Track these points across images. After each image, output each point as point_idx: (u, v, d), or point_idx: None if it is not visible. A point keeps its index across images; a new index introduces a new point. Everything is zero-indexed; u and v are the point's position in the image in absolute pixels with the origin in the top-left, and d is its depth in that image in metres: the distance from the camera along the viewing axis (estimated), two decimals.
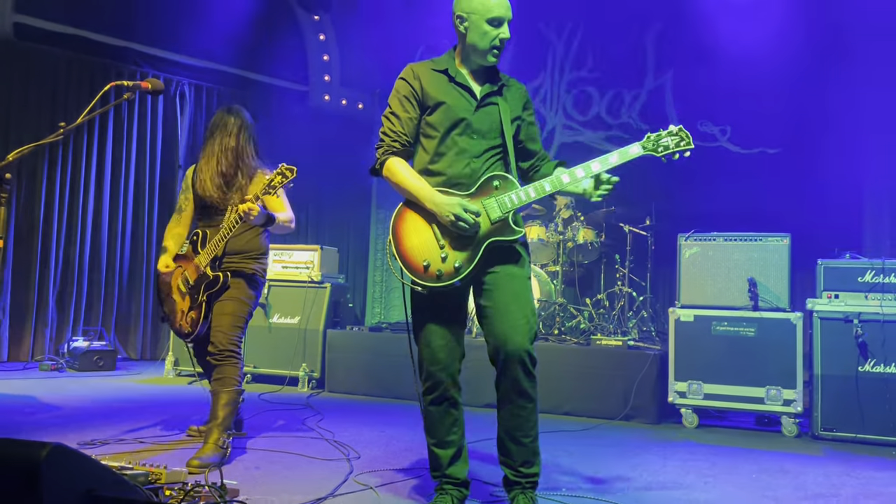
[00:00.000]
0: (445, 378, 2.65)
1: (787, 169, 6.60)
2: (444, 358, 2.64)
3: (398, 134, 2.71)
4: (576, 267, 6.47)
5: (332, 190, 8.43)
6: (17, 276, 6.68)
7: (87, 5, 7.11)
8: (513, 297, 2.60)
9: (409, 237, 2.61)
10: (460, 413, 2.73)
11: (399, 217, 2.66)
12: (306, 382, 5.74)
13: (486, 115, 2.70)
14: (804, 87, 6.61)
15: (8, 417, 4.15)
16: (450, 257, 2.56)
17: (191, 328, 3.62)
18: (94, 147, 7.15)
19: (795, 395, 4.50)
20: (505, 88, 2.77)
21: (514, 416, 2.63)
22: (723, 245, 4.88)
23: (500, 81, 2.76)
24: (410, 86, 2.72)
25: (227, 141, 3.66)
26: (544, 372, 4.94)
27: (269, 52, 8.36)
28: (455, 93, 2.69)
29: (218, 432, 3.35)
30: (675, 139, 2.72)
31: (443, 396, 2.67)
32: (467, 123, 2.67)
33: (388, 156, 2.70)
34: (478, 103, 2.69)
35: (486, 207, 2.60)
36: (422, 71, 2.74)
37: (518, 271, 2.66)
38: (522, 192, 2.61)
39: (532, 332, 2.58)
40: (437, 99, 2.68)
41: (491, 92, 2.72)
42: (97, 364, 6.26)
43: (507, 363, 2.56)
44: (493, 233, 2.58)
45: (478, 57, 2.69)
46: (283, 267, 6.17)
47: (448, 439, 2.69)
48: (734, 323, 4.69)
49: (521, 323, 2.56)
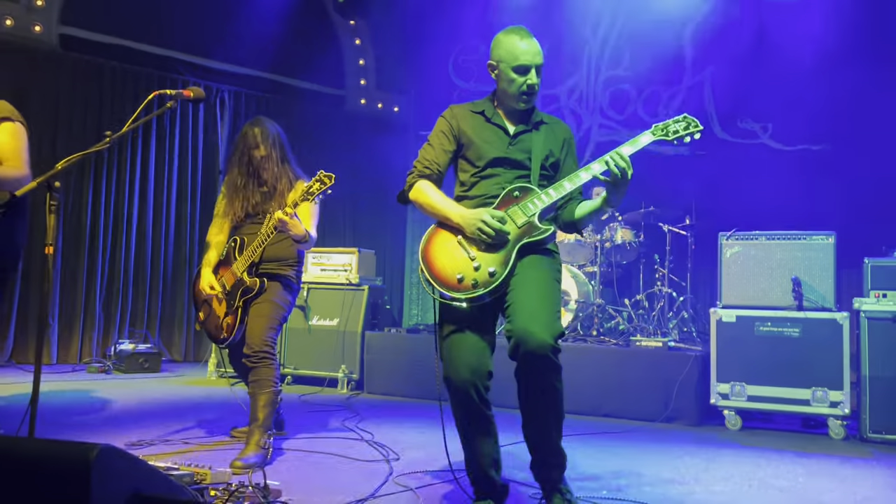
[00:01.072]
0: (471, 395, 2.59)
1: (831, 166, 6.42)
2: (468, 377, 2.58)
3: (430, 161, 2.80)
4: (614, 267, 6.41)
5: (368, 193, 8.49)
6: (65, 281, 6.88)
7: (130, 16, 7.28)
8: (534, 295, 2.57)
9: (439, 258, 2.66)
10: (492, 425, 2.70)
11: (426, 243, 2.72)
12: (345, 384, 5.79)
13: (518, 149, 2.77)
14: (849, 83, 6.44)
15: (58, 418, 4.26)
16: (483, 265, 2.58)
17: (227, 333, 3.66)
18: (137, 154, 7.32)
19: (842, 396, 4.39)
20: (543, 126, 2.83)
21: (542, 409, 2.62)
22: (765, 244, 4.79)
23: (537, 121, 2.82)
24: (449, 123, 2.83)
25: (255, 153, 3.68)
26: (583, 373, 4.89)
27: (306, 57, 8.46)
28: (490, 132, 2.79)
29: (259, 433, 3.40)
30: (683, 124, 2.74)
31: (478, 406, 2.62)
32: (501, 159, 2.76)
33: (417, 179, 2.79)
34: (510, 140, 2.77)
35: (511, 215, 2.65)
36: (460, 111, 2.85)
37: (542, 272, 2.65)
38: (544, 193, 2.66)
39: (556, 328, 2.53)
40: (472, 137, 2.78)
41: (524, 130, 2.79)
42: (142, 366, 6.41)
43: (530, 359, 2.50)
44: (522, 235, 2.62)
45: (510, 101, 2.77)
46: (321, 270, 6.24)
47: (483, 451, 2.68)
48: (778, 323, 4.60)
49: (542, 318, 2.52)
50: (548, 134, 2.82)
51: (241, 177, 3.72)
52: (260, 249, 3.58)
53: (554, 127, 2.87)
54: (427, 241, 2.72)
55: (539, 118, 2.84)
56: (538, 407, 2.63)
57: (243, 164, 3.71)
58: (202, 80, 7.75)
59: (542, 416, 2.64)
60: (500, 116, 2.81)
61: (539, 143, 2.78)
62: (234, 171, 3.75)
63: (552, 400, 2.61)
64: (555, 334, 2.53)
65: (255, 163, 3.69)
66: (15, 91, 6.61)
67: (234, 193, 3.73)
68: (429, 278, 2.63)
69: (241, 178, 3.72)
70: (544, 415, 2.63)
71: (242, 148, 3.71)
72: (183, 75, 7.64)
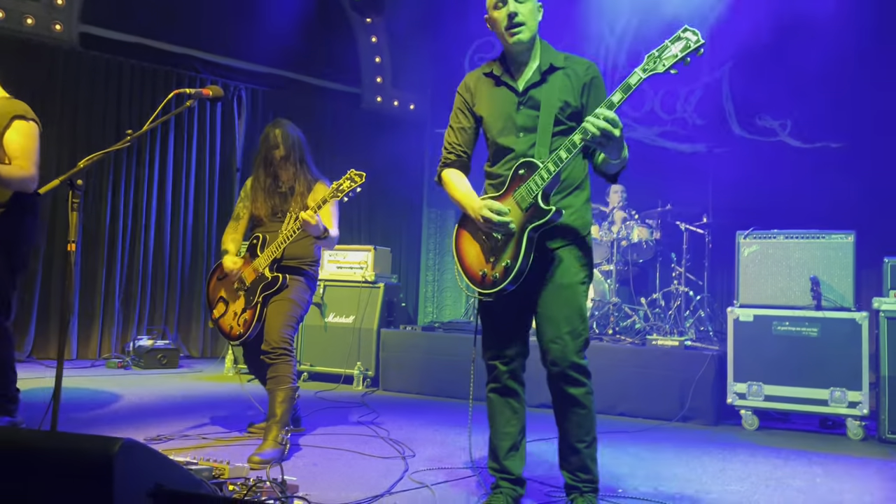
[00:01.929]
0: (508, 370, 2.70)
1: (851, 164, 6.35)
2: (510, 352, 2.69)
3: (453, 145, 2.79)
4: (630, 266, 6.39)
5: (384, 190, 8.51)
6: (85, 277, 6.95)
7: (149, 14, 7.34)
8: (559, 307, 2.59)
9: (468, 253, 2.69)
10: (521, 406, 2.76)
11: (457, 236, 2.75)
12: (361, 381, 5.81)
13: (528, 110, 2.63)
14: (868, 80, 6.37)
15: (79, 413, 4.32)
16: (499, 260, 2.57)
17: (243, 329, 3.70)
18: (156, 152, 7.38)
19: (861, 397, 4.35)
20: (556, 74, 2.62)
21: (567, 421, 2.65)
22: (783, 243, 4.75)
23: (547, 68, 2.63)
24: (463, 97, 2.80)
25: (275, 153, 3.74)
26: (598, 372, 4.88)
27: (323, 55, 8.49)
28: (499, 95, 2.70)
29: (277, 429, 3.43)
30: (681, 43, 2.35)
31: (504, 388, 2.72)
32: (512, 123, 2.66)
33: (445, 167, 2.80)
34: (519, 100, 2.65)
35: (517, 199, 2.55)
36: (472, 80, 2.80)
37: (566, 279, 2.61)
38: (543, 169, 2.50)
39: (578, 343, 2.56)
40: (483, 105, 2.74)
41: (534, 83, 2.64)
42: (161, 362, 6.47)
43: (552, 373, 2.60)
44: (529, 220, 2.51)
45: (506, 47, 2.67)
46: (337, 267, 6.27)
47: (505, 430, 2.73)
48: (796, 323, 4.56)
49: (565, 333, 2.55)
50: (563, 81, 2.61)
51: (264, 177, 3.79)
52: (283, 247, 3.62)
53: (571, 69, 2.63)
54: (457, 235, 2.75)
55: (550, 63, 2.63)
56: (565, 420, 2.66)
57: (265, 164, 3.78)
58: (220, 77, 7.80)
59: (570, 429, 2.66)
60: (507, 74, 2.68)
61: (549, 97, 2.58)
62: (258, 172, 3.82)
63: (578, 415, 2.62)
64: (577, 348, 2.54)
65: (275, 163, 3.74)
66: (36, 89, 6.70)
67: (257, 193, 3.81)
68: (461, 272, 2.70)
69: (263, 179, 3.79)
70: (572, 428, 2.65)
71: (264, 149, 3.78)
72: (201, 73, 7.69)
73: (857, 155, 6.37)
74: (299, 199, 3.71)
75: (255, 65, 8.02)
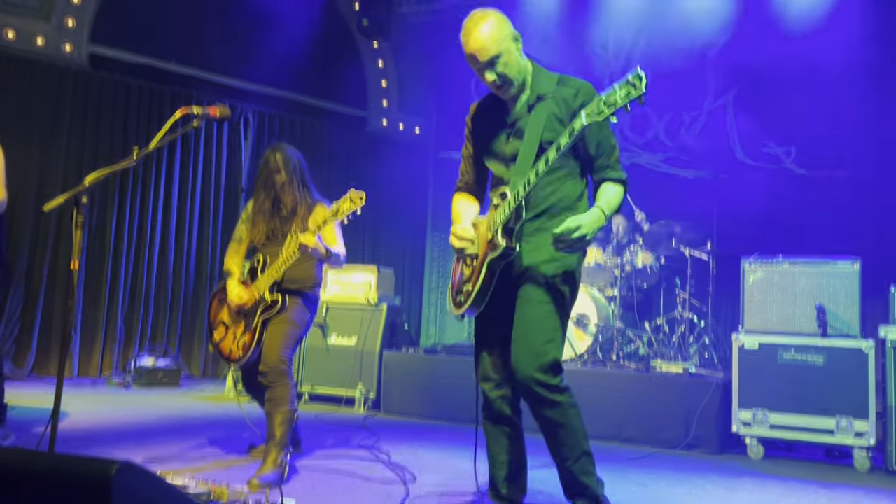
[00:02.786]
0: (497, 396, 2.67)
1: (856, 192, 6.34)
2: (496, 377, 2.67)
3: (462, 173, 2.90)
4: (634, 291, 6.36)
5: (388, 212, 8.53)
6: (88, 295, 6.95)
7: (158, 36, 7.42)
8: (524, 324, 2.54)
9: (455, 273, 2.77)
10: (517, 434, 2.73)
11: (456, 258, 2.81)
12: (362, 403, 5.77)
13: (515, 140, 2.61)
14: (874, 107, 6.38)
15: (77, 432, 4.29)
16: (467, 282, 2.63)
17: (242, 353, 3.68)
18: (162, 171, 7.41)
19: (868, 426, 4.30)
20: (544, 102, 2.55)
21: (551, 441, 2.60)
22: (789, 270, 4.73)
23: (534, 100, 2.58)
24: (467, 125, 2.86)
25: (276, 178, 3.74)
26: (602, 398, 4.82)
27: (330, 78, 8.56)
28: (493, 123, 2.70)
29: (276, 451, 3.39)
30: (625, 90, 2.22)
31: (497, 415, 2.70)
32: (501, 152, 2.67)
33: (456, 191, 2.90)
34: (508, 131, 2.63)
35: (489, 226, 2.56)
36: (475, 108, 2.83)
37: (533, 296, 2.54)
38: (506, 204, 2.49)
39: (543, 360, 2.45)
40: (478, 134, 2.77)
41: (520, 116, 2.61)
42: (162, 381, 6.44)
43: (521, 390, 2.58)
44: (487, 251, 2.53)
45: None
46: (340, 288, 6.25)
47: (501, 459, 2.71)
48: (802, 351, 4.53)
49: (528, 350, 2.48)
50: (549, 110, 2.52)
51: (264, 201, 3.79)
52: (283, 269, 3.61)
53: (560, 95, 2.54)
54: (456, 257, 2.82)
55: (538, 94, 2.56)
56: (547, 439, 2.61)
57: (266, 188, 3.78)
58: (227, 99, 7.85)
59: (554, 448, 2.61)
60: (503, 102, 2.66)
61: (533, 128, 2.51)
62: (259, 195, 3.82)
63: (556, 434, 2.54)
64: (540, 365, 2.44)
65: (276, 187, 3.75)
66: (44, 108, 6.76)
67: (257, 217, 3.81)
68: (450, 287, 2.77)
69: (264, 202, 3.79)
70: (555, 447, 2.59)
71: (265, 173, 3.79)
72: (208, 94, 7.75)
73: (863, 183, 6.35)
74: (300, 221, 3.70)
75: (261, 87, 8.08)
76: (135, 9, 7.34)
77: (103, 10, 7.19)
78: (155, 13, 7.38)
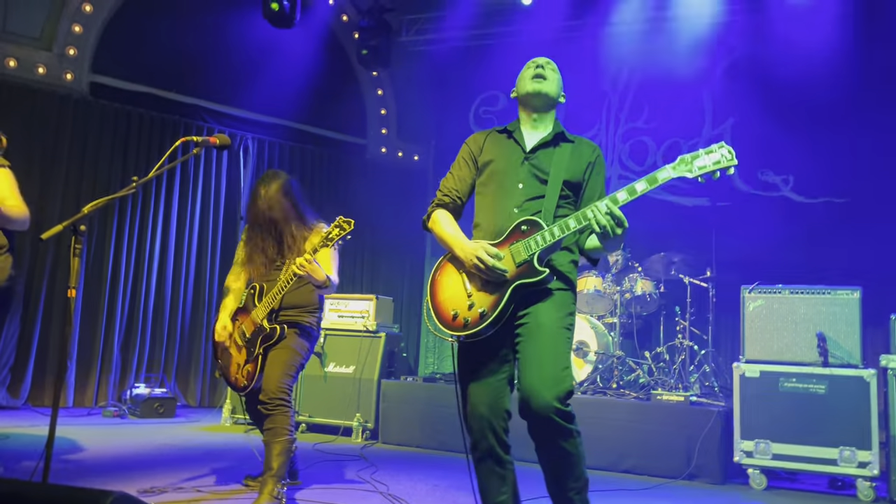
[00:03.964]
0: (488, 435, 2.56)
1: (855, 219, 6.35)
2: (486, 414, 2.56)
3: (449, 189, 2.82)
4: (634, 319, 6.34)
5: (387, 239, 8.53)
6: (85, 324, 6.91)
7: (158, 65, 7.48)
8: (541, 350, 2.48)
9: (444, 290, 2.64)
10: (509, 472, 2.62)
11: (437, 270, 2.70)
12: (360, 433, 5.71)
13: (532, 166, 2.68)
14: (872, 134, 6.43)
15: (71, 463, 4.23)
16: (476, 304, 2.53)
17: (247, 381, 3.65)
18: (161, 199, 7.42)
19: (871, 456, 4.26)
20: (567, 144, 2.74)
21: (554, 470, 2.54)
22: (789, 298, 4.72)
23: (559, 139, 2.74)
24: (469, 148, 2.85)
25: (270, 215, 3.69)
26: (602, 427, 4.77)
27: (329, 106, 8.62)
28: (507, 148, 2.75)
29: (273, 483, 3.35)
30: (715, 156, 2.44)
31: (487, 454, 2.59)
32: (512, 176, 2.69)
33: (437, 208, 2.81)
34: (525, 156, 2.70)
35: (513, 252, 2.54)
36: (482, 135, 2.86)
37: (549, 321, 2.53)
38: (547, 231, 2.51)
39: (561, 388, 2.42)
40: (488, 156, 2.77)
41: (543, 144, 2.72)
42: (157, 411, 6.38)
43: (535, 420, 2.45)
44: (519, 276, 2.50)
45: (526, 106, 2.77)
46: (338, 316, 6.22)
47: (497, 500, 2.61)
48: (803, 379, 4.49)
49: (548, 377, 2.43)
50: (572, 153, 2.71)
51: (259, 235, 3.74)
52: (280, 296, 3.58)
53: (579, 147, 2.75)
54: (436, 271, 2.70)
55: (563, 134, 2.76)
56: (552, 468, 2.55)
57: (259, 222, 3.73)
58: (227, 127, 7.90)
59: (558, 477, 2.54)
60: (520, 132, 2.77)
61: (559, 161, 2.67)
62: (254, 229, 3.77)
63: (565, 464, 2.50)
64: (559, 394, 2.41)
65: (270, 221, 3.70)
66: (45, 136, 6.79)
67: (253, 250, 3.76)
68: (430, 308, 2.63)
69: (259, 237, 3.74)
70: (560, 477, 2.53)
71: (255, 208, 3.74)
72: (208, 122, 7.80)
73: (861, 211, 6.37)
74: (298, 248, 3.68)
75: (261, 115, 8.13)
76: (136, 38, 7.40)
77: (105, 39, 7.26)
78: (156, 42, 7.44)
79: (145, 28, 7.43)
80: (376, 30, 8.26)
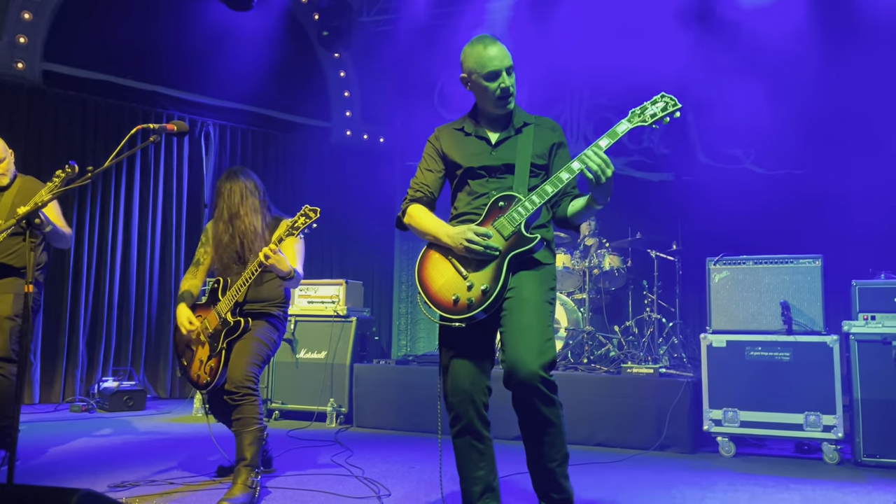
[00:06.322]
0: (469, 409, 2.62)
1: (814, 189, 6.46)
2: (468, 388, 2.63)
3: (420, 184, 2.86)
4: (603, 294, 6.40)
5: (355, 223, 8.47)
6: (48, 318, 6.76)
7: (114, 52, 7.28)
8: (525, 322, 2.55)
9: (435, 280, 2.68)
10: (488, 447, 2.68)
11: (421, 264, 2.75)
12: (334, 418, 5.70)
13: (500, 156, 2.75)
14: (828, 105, 6.52)
15: (39, 461, 4.16)
16: (476, 283, 2.59)
17: (209, 378, 3.58)
18: (121, 189, 7.27)
19: (835, 420, 4.37)
20: (529, 128, 2.79)
21: (540, 442, 2.59)
22: (753, 268, 4.80)
23: (521, 124, 2.80)
24: (433, 146, 2.89)
25: (234, 211, 3.65)
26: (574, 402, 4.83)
27: (291, 90, 8.49)
28: (471, 144, 2.80)
29: (246, 472, 3.32)
30: (661, 105, 2.70)
31: (467, 429, 2.65)
32: (482, 169, 2.76)
33: (411, 203, 2.85)
34: (491, 149, 2.76)
35: (498, 227, 2.63)
36: (443, 132, 2.90)
37: (532, 296, 2.61)
38: (527, 200, 2.62)
39: (546, 357, 2.50)
40: (453, 154, 2.81)
41: (507, 137, 2.78)
42: (127, 404, 6.29)
43: (521, 389, 2.52)
44: (511, 247, 2.60)
45: (489, 109, 2.79)
46: (308, 302, 6.18)
47: (475, 475, 2.65)
48: (768, 347, 4.59)
49: (533, 348, 2.50)
50: (536, 134, 2.78)
51: (224, 232, 3.68)
52: (244, 288, 3.53)
53: (541, 126, 2.82)
54: (421, 264, 2.75)
55: (523, 120, 2.81)
56: (535, 440, 2.60)
57: (223, 218, 3.68)
58: (187, 114, 7.75)
59: (540, 449, 2.60)
60: (481, 128, 2.81)
61: (525, 146, 2.74)
62: (217, 226, 3.71)
63: (549, 434, 2.57)
64: (544, 363, 2.49)
65: (234, 217, 3.65)
66: None
67: (218, 246, 3.71)
68: (427, 301, 2.66)
69: (224, 235, 3.68)
70: (542, 448, 2.59)
71: (220, 204, 3.69)
72: (167, 109, 7.63)
73: (821, 181, 6.47)
74: (261, 242, 3.63)
75: (222, 101, 7.98)
76: (89, 25, 7.19)
77: (56, 26, 7.04)
78: (110, 29, 7.23)
79: (98, 13, 7.22)
80: (336, 10, 8.14)
